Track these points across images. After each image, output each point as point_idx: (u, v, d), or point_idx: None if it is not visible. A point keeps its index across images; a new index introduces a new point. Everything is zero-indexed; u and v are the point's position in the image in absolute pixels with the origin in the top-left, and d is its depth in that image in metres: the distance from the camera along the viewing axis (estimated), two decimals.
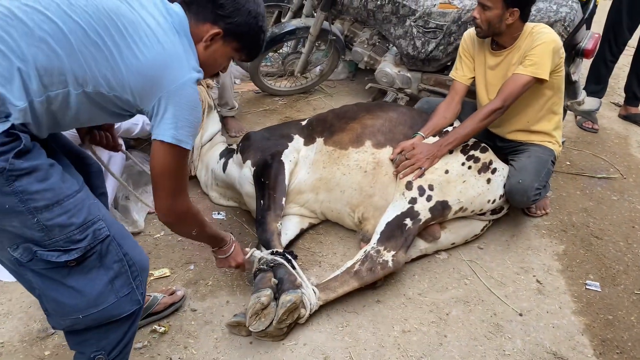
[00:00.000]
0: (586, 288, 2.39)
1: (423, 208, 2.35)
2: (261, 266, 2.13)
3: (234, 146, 2.90)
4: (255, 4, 1.51)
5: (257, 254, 2.14)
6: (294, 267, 2.16)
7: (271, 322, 1.96)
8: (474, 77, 2.69)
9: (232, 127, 3.62)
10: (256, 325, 1.95)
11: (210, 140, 2.98)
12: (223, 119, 3.51)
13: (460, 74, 2.69)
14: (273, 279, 2.09)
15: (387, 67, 3.64)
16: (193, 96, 1.40)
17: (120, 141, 2.36)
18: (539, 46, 2.38)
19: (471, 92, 2.76)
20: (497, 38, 2.52)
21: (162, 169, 1.43)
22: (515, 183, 2.48)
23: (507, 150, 2.74)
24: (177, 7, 1.47)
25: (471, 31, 2.67)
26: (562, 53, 2.47)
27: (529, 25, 2.48)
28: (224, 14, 1.47)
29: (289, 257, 2.19)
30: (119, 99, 1.36)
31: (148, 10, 1.38)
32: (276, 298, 2.03)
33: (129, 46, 1.31)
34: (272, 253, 2.18)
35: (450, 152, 2.50)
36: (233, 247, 1.95)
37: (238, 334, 2.05)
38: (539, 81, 2.41)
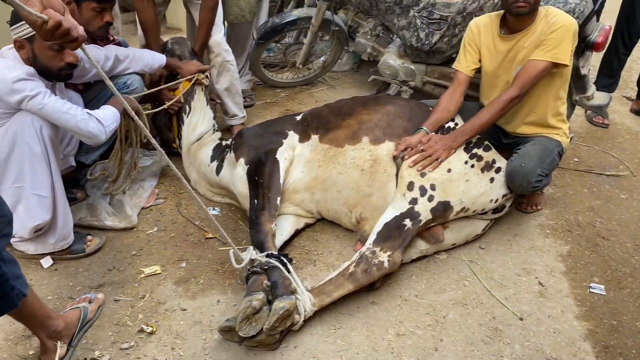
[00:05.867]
0: (590, 291, 2.31)
1: (424, 209, 2.27)
2: (254, 268, 2.05)
3: (227, 142, 2.82)
4: None
5: (253, 255, 2.06)
6: (288, 271, 2.07)
7: (262, 328, 1.88)
8: (476, 69, 2.59)
9: None
10: (246, 330, 1.87)
11: (199, 139, 2.89)
12: (231, 128, 3.44)
13: (464, 65, 2.59)
14: (266, 282, 2.01)
15: (391, 59, 3.54)
16: None
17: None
18: (560, 29, 2.28)
19: (472, 84, 2.66)
20: (516, 20, 2.39)
21: None
22: (518, 166, 2.39)
23: (512, 146, 2.64)
24: None
25: (477, 20, 2.58)
26: (577, 39, 2.37)
27: (542, 7, 2.39)
28: None
29: (284, 259, 2.11)
30: None
31: None
32: (269, 302, 1.95)
33: None
34: (266, 256, 2.10)
35: None
36: None
37: (230, 340, 1.97)
38: (556, 67, 2.32)
